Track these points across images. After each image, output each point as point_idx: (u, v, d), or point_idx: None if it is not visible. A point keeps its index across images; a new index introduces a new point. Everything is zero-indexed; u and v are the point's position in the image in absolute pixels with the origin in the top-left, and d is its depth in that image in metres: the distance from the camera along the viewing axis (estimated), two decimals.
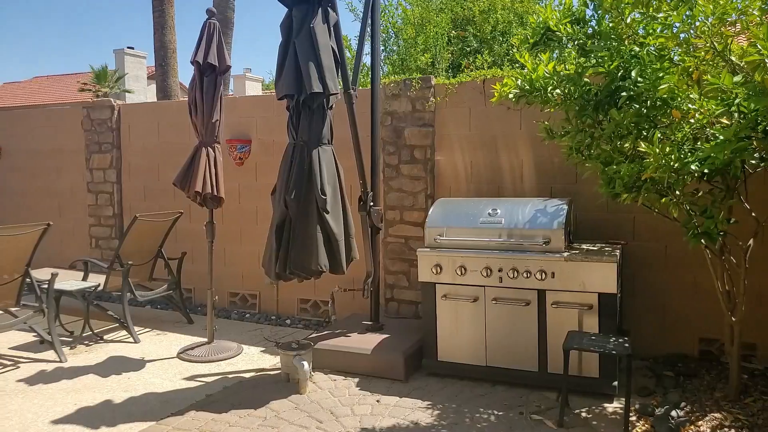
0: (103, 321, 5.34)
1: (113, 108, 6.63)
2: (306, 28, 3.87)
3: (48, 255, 5.49)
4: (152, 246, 5.40)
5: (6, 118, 7.73)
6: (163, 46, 8.92)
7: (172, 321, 5.59)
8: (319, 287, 5.48)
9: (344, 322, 4.86)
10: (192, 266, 5.85)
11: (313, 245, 3.86)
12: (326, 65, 3.87)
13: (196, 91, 4.56)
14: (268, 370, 4.27)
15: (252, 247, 5.89)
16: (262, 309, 5.89)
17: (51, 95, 27.14)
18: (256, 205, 5.88)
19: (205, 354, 4.53)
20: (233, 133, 5.89)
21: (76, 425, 3.37)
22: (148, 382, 4.05)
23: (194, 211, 5.79)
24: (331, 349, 4.21)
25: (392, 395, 3.77)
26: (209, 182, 4.54)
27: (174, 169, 4.85)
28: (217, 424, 3.36)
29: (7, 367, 4.37)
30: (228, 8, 8.66)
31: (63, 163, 6.98)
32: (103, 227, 6.71)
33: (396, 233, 5.15)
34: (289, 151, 4.03)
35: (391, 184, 5.15)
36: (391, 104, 5.14)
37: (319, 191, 3.90)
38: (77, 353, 4.66)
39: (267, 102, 5.96)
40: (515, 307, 3.86)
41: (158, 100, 9.06)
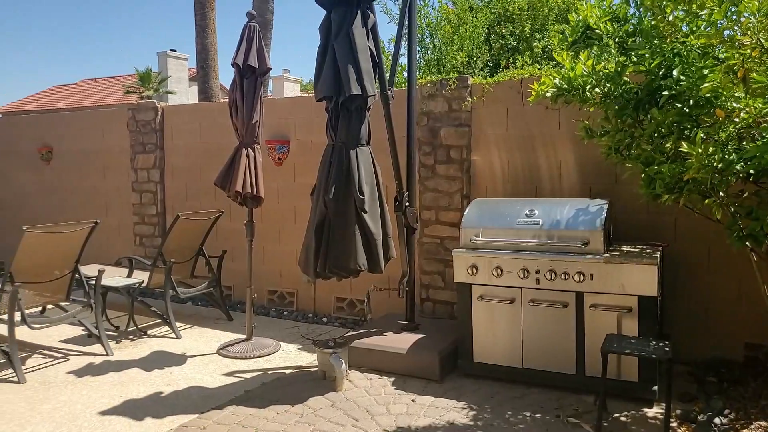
0: (147, 317, 5.52)
1: (157, 109, 6.83)
2: (345, 31, 3.92)
3: (95, 252, 5.69)
4: (194, 244, 5.55)
5: (57, 120, 8.05)
6: (204, 49, 9.14)
7: (212, 318, 5.73)
8: (355, 286, 5.53)
9: (380, 321, 4.90)
10: (232, 264, 5.99)
11: (351, 244, 3.91)
12: (364, 67, 3.91)
13: (236, 92, 4.66)
14: (305, 367, 4.34)
15: (290, 245, 5.98)
16: (299, 307, 5.98)
17: (98, 97, 28.09)
18: (294, 204, 5.97)
19: (244, 350, 4.64)
20: (272, 134, 6.00)
21: (123, 417, 3.50)
22: (190, 376, 4.18)
23: (234, 211, 5.92)
24: (366, 348, 4.25)
25: (427, 395, 3.79)
26: (249, 182, 4.64)
27: (215, 169, 4.97)
28: (256, 419, 3.44)
29: (58, 359, 4.56)
30: (267, 10, 8.80)
31: (109, 163, 7.23)
32: (146, 225, 6.92)
33: (431, 233, 5.16)
34: (328, 151, 4.10)
35: (427, 185, 5.16)
36: (427, 104, 5.15)
37: (357, 191, 3.95)
38: (122, 347, 4.83)
39: (305, 103, 6.04)
40: (552, 309, 3.82)
41: (199, 101, 9.29)
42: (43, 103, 29.28)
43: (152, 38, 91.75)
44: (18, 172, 8.00)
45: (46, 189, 7.80)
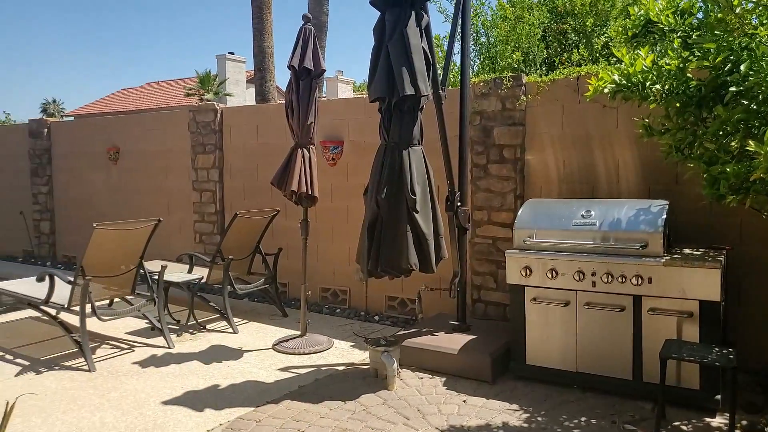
0: (206, 311, 5.73)
1: (216, 111, 7.06)
2: (399, 32, 3.94)
3: (158, 248, 5.93)
4: (251, 242, 5.71)
5: (123, 122, 8.45)
6: (261, 51, 9.37)
7: (267, 313, 5.88)
8: (407, 285, 5.56)
9: (431, 321, 4.91)
10: (287, 262, 6.12)
11: (403, 244, 3.94)
12: (418, 68, 3.93)
13: (292, 94, 4.76)
14: (357, 364, 4.40)
15: (343, 244, 6.07)
16: (351, 305, 6.06)
17: (161, 100, 29.26)
18: (347, 204, 6.05)
19: (298, 346, 4.74)
20: (326, 135, 6.10)
21: (184, 407, 3.65)
22: (246, 370, 4.31)
23: (289, 209, 6.05)
24: (418, 347, 4.27)
25: (479, 396, 3.77)
26: (304, 182, 4.73)
27: (271, 168, 5.10)
28: (309, 414, 3.52)
29: (124, 350, 4.80)
30: (322, 13, 8.94)
31: (171, 163, 7.53)
32: (206, 223, 7.17)
33: (483, 234, 5.12)
34: (381, 151, 4.14)
35: (479, 184, 5.13)
36: (480, 103, 5.11)
37: (409, 191, 3.98)
38: (183, 341, 5.03)
39: (358, 104, 6.11)
40: (609, 312, 3.73)
41: (256, 103, 9.53)
42: (111, 105, 30.75)
43: (212, 41, 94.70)
44: (89, 172, 8.44)
45: (113, 188, 8.20)
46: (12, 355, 4.64)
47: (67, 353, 4.63)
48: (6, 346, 4.85)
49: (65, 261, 8.74)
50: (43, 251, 8.94)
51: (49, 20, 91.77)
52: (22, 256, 9.19)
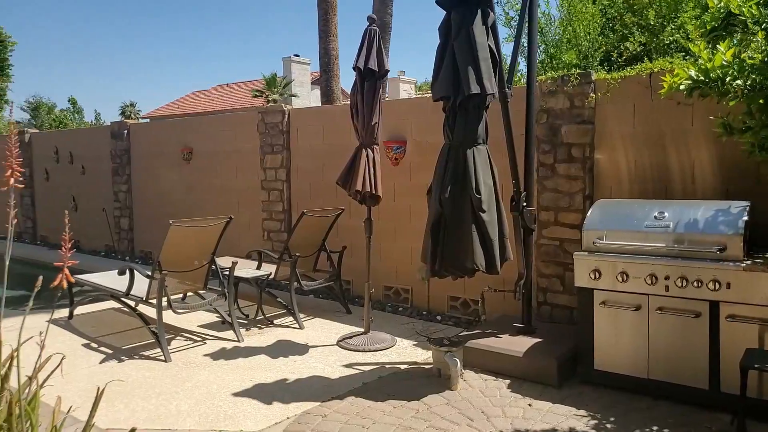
0: (273, 306, 5.90)
1: (284, 112, 7.26)
2: (465, 30, 3.93)
3: (228, 245, 6.17)
4: (317, 239, 5.84)
5: (196, 123, 8.83)
6: (326, 53, 9.54)
7: (332, 310, 6.00)
8: (469, 286, 5.53)
9: (494, 322, 4.86)
10: (350, 260, 6.22)
11: (468, 244, 3.92)
12: (484, 66, 3.90)
13: (357, 95, 4.83)
14: (420, 363, 4.42)
15: (405, 243, 6.11)
16: (414, 304, 6.09)
17: (230, 101, 30.29)
18: (410, 203, 6.08)
19: (361, 344, 4.81)
20: (390, 135, 6.15)
21: (252, 399, 3.78)
22: (312, 366, 4.41)
23: (354, 208, 6.14)
24: (481, 349, 4.24)
25: (544, 400, 3.70)
26: (368, 181, 4.80)
27: (336, 168, 5.20)
28: (373, 411, 3.57)
29: (197, 342, 5.02)
30: (386, 14, 9.00)
31: (241, 163, 7.80)
32: (274, 221, 7.38)
33: (550, 235, 5.02)
34: (445, 151, 4.13)
35: (546, 184, 5.03)
36: (547, 101, 5.01)
37: (474, 191, 3.95)
38: (251, 335, 5.20)
39: (421, 104, 6.12)
40: (683, 318, 3.57)
41: (322, 104, 9.72)
42: (184, 107, 32.11)
43: (277, 44, 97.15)
44: (164, 171, 8.88)
45: (186, 186, 8.58)
46: (97, 343, 4.95)
47: (145, 343, 4.90)
48: (91, 335, 5.18)
49: (142, 255, 9.23)
50: (123, 246, 9.48)
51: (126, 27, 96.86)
52: (104, 251, 9.77)
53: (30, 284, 2.32)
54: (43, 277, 2.18)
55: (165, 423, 3.43)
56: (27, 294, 6.48)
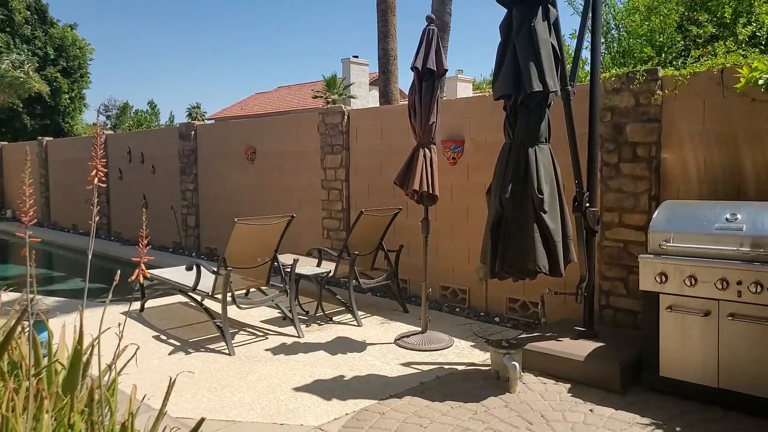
0: (332, 304, 6.01)
1: (343, 113, 7.37)
2: (526, 28, 3.88)
3: (289, 242, 6.32)
4: (375, 238, 5.91)
5: (258, 125, 9.09)
6: (385, 54, 9.61)
7: (389, 308, 6.05)
8: (529, 288, 5.45)
9: (555, 325, 4.77)
10: (407, 259, 6.25)
11: (529, 245, 3.87)
12: (546, 63, 3.84)
13: (415, 95, 4.85)
14: (477, 365, 4.39)
15: (462, 243, 6.08)
16: (471, 304, 6.05)
17: (291, 102, 30.96)
18: (467, 203, 6.05)
19: (419, 343, 4.83)
20: (447, 134, 6.14)
21: (312, 395, 3.87)
22: (370, 363, 4.47)
23: (411, 208, 6.17)
24: (541, 352, 4.18)
25: (606, 406, 3.61)
26: (426, 181, 4.81)
27: (394, 168, 5.24)
28: (431, 411, 3.58)
29: (259, 337, 5.18)
30: (445, 13, 8.98)
31: (302, 163, 7.98)
32: (333, 220, 7.51)
33: (614, 237, 4.87)
34: (506, 150, 4.09)
35: (610, 184, 4.89)
36: (611, 99, 4.87)
37: (536, 190, 3.90)
38: (311, 331, 5.32)
39: (479, 103, 6.08)
40: (758, 325, 3.40)
41: (380, 104, 9.80)
42: (246, 109, 33.06)
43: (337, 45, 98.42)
44: (229, 170, 9.19)
45: (250, 186, 8.85)
46: (166, 335, 5.19)
47: (210, 337, 5.09)
48: (161, 327, 5.44)
49: (207, 252, 9.59)
50: (189, 243, 9.87)
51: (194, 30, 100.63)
52: (172, 247, 10.21)
53: (105, 277, 2.48)
54: (120, 271, 2.32)
55: (229, 414, 3.57)
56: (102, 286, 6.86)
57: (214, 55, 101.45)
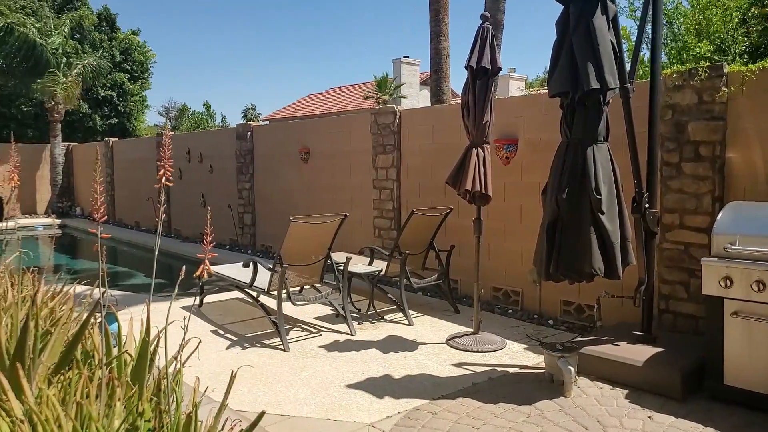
0: (382, 302, 6.05)
1: (395, 113, 7.40)
2: (584, 24, 3.81)
3: (341, 241, 6.41)
4: (425, 238, 5.91)
5: (312, 125, 9.24)
6: (437, 53, 9.58)
7: (440, 309, 6.04)
8: (584, 290, 5.33)
9: (611, 329, 4.65)
10: (459, 259, 6.22)
11: (586, 247, 3.79)
12: (604, 60, 3.76)
13: (468, 94, 4.82)
14: (531, 367, 4.34)
15: (515, 244, 6.01)
16: (524, 306, 5.97)
17: (342, 103, 31.30)
18: (521, 203, 5.97)
19: (471, 344, 4.81)
20: (501, 133, 6.07)
21: (364, 392, 3.92)
22: (421, 363, 4.48)
23: (462, 208, 6.14)
24: (597, 356, 4.08)
25: (666, 414, 3.50)
26: (478, 181, 4.78)
27: (445, 168, 5.23)
28: (484, 412, 3.56)
29: (312, 333, 5.28)
30: (499, 11, 8.86)
31: (354, 163, 8.07)
32: (384, 219, 7.56)
33: (674, 239, 4.71)
34: (562, 149, 4.02)
35: (670, 185, 4.73)
36: (672, 96, 4.71)
37: (594, 191, 3.81)
38: (363, 329, 5.38)
39: (534, 101, 5.99)
40: None
41: (431, 104, 9.78)
42: (300, 110, 33.64)
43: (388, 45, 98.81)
44: (284, 170, 9.39)
45: (303, 185, 9.02)
46: (223, 330, 5.36)
47: (266, 332, 5.23)
48: (218, 322, 5.62)
49: (263, 249, 9.83)
50: (245, 240, 10.15)
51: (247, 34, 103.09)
52: (229, 244, 10.52)
53: (166, 273, 2.60)
54: (177, 267, 2.42)
55: (284, 409, 3.66)
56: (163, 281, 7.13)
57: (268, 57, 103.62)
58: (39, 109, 20.35)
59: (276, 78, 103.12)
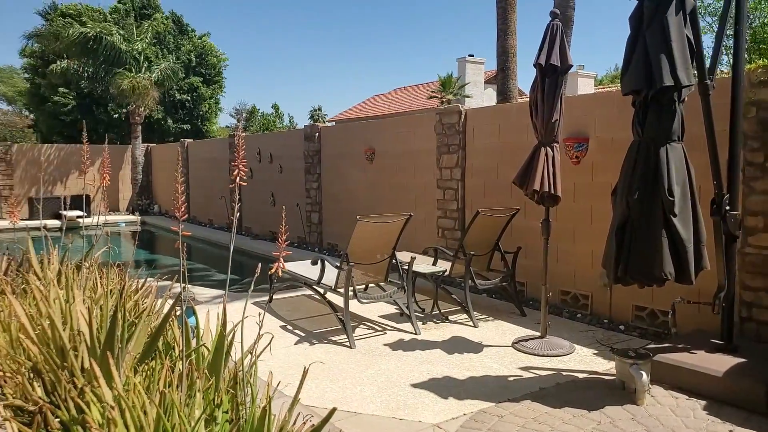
0: (447, 303, 6.04)
1: (460, 113, 7.37)
2: (659, 19, 3.67)
3: (405, 240, 6.45)
4: (491, 239, 5.85)
5: (377, 126, 9.34)
6: (504, 52, 9.45)
7: (505, 311, 5.97)
8: (657, 295, 5.12)
9: (687, 336, 4.45)
10: (525, 261, 6.12)
11: (657, 250, 3.66)
12: (679, 56, 3.61)
13: (537, 92, 4.74)
14: (600, 373, 4.22)
15: (585, 246, 5.84)
16: (593, 311, 5.80)
17: (406, 103, 31.38)
18: (591, 204, 5.80)
19: (538, 347, 4.73)
20: (570, 132, 5.93)
21: (429, 392, 3.93)
22: (487, 365, 4.45)
23: (529, 208, 6.04)
24: (672, 364, 3.92)
25: (750, 428, 3.31)
26: (547, 181, 4.69)
27: (512, 168, 5.16)
28: (551, 418, 3.50)
29: (377, 331, 5.35)
30: (569, 7, 8.63)
31: (418, 163, 8.09)
32: (448, 219, 7.54)
33: (758, 243, 4.45)
34: (634, 149, 3.89)
35: (754, 186, 4.47)
36: (756, 93, 4.45)
37: (666, 192, 3.67)
38: (427, 329, 5.39)
39: (606, 99, 5.81)
40: None
41: (498, 102, 9.65)
42: (364, 110, 34.00)
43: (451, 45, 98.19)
44: (350, 170, 9.54)
45: (368, 185, 9.13)
46: (292, 326, 5.52)
47: (332, 329, 5.34)
48: (287, 317, 5.79)
49: (329, 247, 10.02)
50: (312, 239, 10.38)
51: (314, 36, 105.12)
52: (296, 242, 10.79)
53: (238, 269, 2.72)
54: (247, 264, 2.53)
55: (351, 405, 3.72)
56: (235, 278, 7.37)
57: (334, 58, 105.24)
58: (123, 114, 21.59)
59: (342, 79, 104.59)
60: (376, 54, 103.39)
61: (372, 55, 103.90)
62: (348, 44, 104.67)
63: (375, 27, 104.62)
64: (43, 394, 2.46)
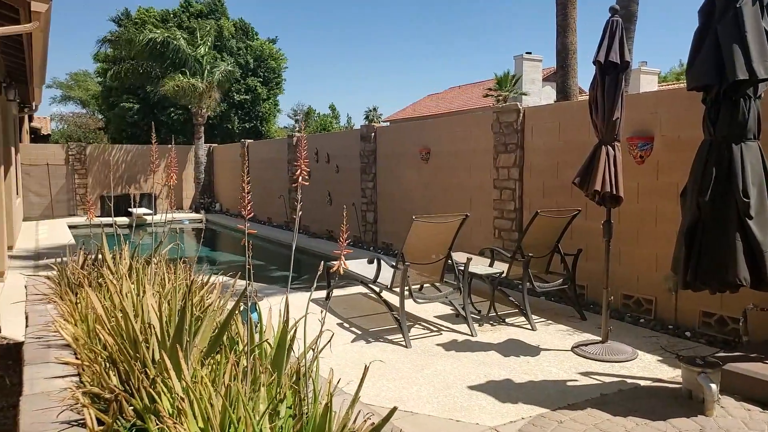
0: (503, 305, 5.96)
1: (518, 111, 7.25)
2: (732, 10, 3.51)
3: (460, 241, 6.41)
4: (550, 241, 5.74)
5: (433, 125, 9.32)
6: (564, 49, 9.23)
7: (564, 315, 5.83)
8: (727, 301, 4.88)
9: (760, 345, 4.22)
10: (586, 263, 5.97)
11: (730, 254, 3.50)
12: (755, 48, 3.45)
13: (597, 90, 4.62)
14: (665, 381, 4.06)
15: (649, 249, 5.64)
16: (657, 316, 5.59)
17: (462, 102, 31.13)
18: (656, 205, 5.60)
19: (599, 352, 4.60)
20: (634, 131, 5.73)
21: (486, 395, 3.89)
22: (545, 369, 4.36)
23: (590, 210, 5.88)
24: (744, 374, 3.73)
25: None
26: (608, 181, 4.56)
27: (572, 167, 5.04)
28: (613, 425, 3.39)
29: (433, 332, 5.34)
30: (632, 1, 8.35)
31: (474, 162, 8.02)
32: (505, 220, 7.44)
33: None
34: (705, 148, 3.74)
35: None
36: None
37: (741, 193, 3.50)
38: (483, 330, 5.34)
39: (672, 96, 5.58)
40: None
41: (558, 101, 9.44)
42: (419, 110, 33.96)
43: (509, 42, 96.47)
44: (405, 170, 9.57)
45: (423, 184, 9.12)
46: (348, 324, 5.59)
47: (388, 328, 5.37)
48: (344, 315, 5.87)
49: (384, 246, 10.08)
50: (367, 237, 10.47)
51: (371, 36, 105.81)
52: (352, 241, 10.90)
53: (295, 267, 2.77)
54: (305, 261, 2.59)
55: (407, 405, 3.73)
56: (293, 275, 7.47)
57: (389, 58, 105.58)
58: (186, 116, 22.41)
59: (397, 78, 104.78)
60: (429, 53, 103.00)
61: (426, 54, 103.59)
62: (402, 43, 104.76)
63: (429, 26, 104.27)
64: (118, 383, 2.59)
